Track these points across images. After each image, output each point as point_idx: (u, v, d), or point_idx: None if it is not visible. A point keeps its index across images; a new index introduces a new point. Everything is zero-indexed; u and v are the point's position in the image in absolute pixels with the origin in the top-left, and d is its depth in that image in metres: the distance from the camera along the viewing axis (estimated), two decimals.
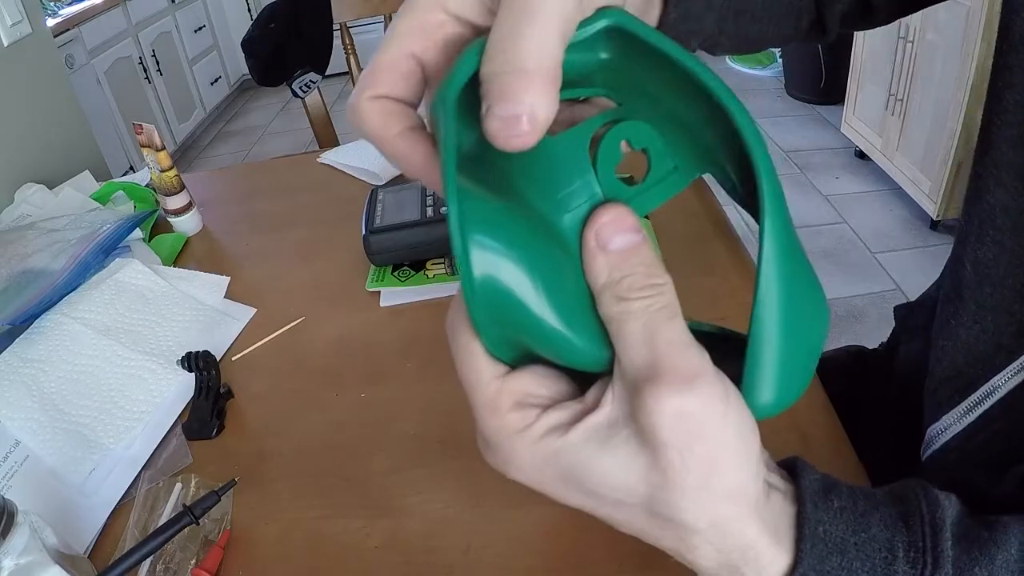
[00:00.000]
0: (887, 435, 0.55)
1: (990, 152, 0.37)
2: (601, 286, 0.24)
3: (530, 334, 0.24)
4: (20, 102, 1.16)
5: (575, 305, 0.24)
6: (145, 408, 0.61)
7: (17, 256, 0.77)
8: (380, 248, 0.73)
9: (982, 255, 0.38)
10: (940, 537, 0.27)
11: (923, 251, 2.10)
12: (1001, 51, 0.37)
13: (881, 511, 0.28)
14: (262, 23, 1.70)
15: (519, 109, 0.21)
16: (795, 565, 0.26)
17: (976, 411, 0.40)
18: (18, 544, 0.40)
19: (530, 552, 0.47)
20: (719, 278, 0.69)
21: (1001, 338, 0.38)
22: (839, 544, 0.27)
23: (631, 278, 0.23)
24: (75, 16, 2.56)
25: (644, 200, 0.25)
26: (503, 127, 0.21)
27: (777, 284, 0.23)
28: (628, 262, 0.24)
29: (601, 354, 0.24)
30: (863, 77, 2.42)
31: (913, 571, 0.26)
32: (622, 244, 0.24)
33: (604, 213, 0.24)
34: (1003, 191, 0.37)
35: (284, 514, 0.52)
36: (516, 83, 0.21)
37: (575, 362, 0.24)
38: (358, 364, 0.65)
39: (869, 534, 0.27)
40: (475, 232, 0.22)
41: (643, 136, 0.25)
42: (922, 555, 0.27)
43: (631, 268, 0.24)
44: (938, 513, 0.28)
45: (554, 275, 0.23)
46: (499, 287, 0.22)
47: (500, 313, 0.23)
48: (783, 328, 0.24)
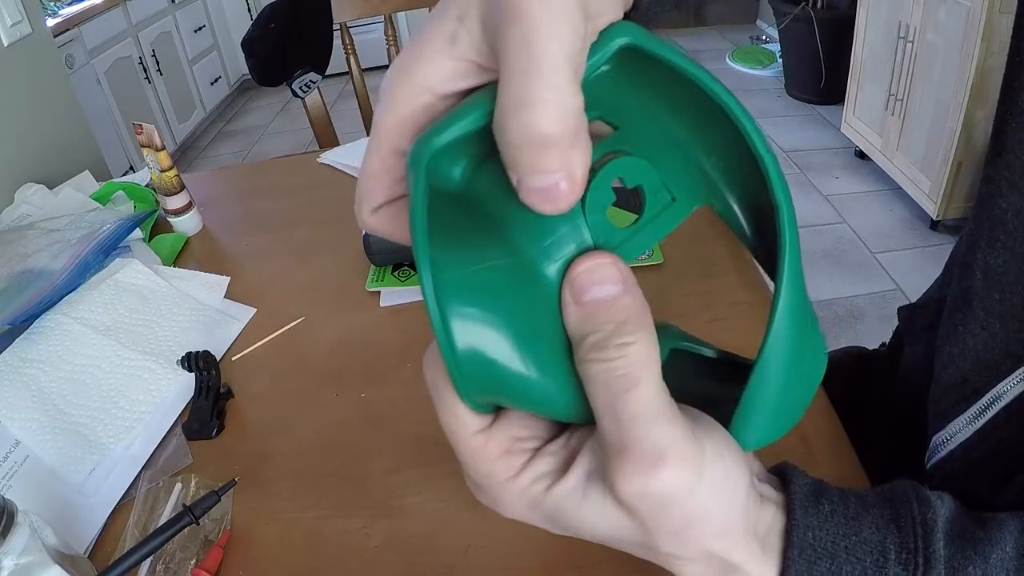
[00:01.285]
0: (889, 439, 0.55)
1: (1003, 155, 0.37)
2: (574, 342, 0.22)
3: (514, 396, 0.23)
4: (20, 102, 1.16)
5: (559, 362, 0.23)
6: (145, 408, 0.61)
7: (17, 256, 0.77)
8: (380, 248, 0.73)
9: (992, 261, 0.38)
10: (932, 538, 0.27)
11: (923, 251, 2.10)
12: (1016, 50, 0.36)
13: (872, 513, 0.28)
14: (262, 23, 1.69)
15: (553, 178, 0.19)
16: (782, 574, 0.26)
17: (982, 419, 0.39)
18: (18, 544, 0.40)
19: (530, 552, 0.47)
20: (719, 278, 0.69)
21: (1009, 345, 0.38)
22: (829, 549, 0.27)
23: (596, 336, 0.22)
24: (75, 16, 2.56)
25: (640, 239, 0.23)
26: (543, 198, 0.20)
27: (786, 338, 0.23)
28: (597, 317, 0.22)
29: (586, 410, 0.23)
30: (863, 77, 2.42)
31: (905, 572, 0.26)
32: (593, 296, 0.22)
33: (581, 263, 0.22)
34: (1016, 195, 0.36)
35: (284, 514, 0.52)
36: (543, 154, 0.19)
37: (559, 417, 0.24)
38: (358, 364, 0.65)
39: (860, 537, 0.27)
40: (454, 302, 0.21)
41: (637, 172, 0.23)
42: (914, 556, 0.27)
43: (599, 324, 0.22)
44: (929, 514, 0.28)
45: (538, 335, 0.22)
46: (482, 357, 0.22)
47: (483, 380, 0.22)
48: (784, 380, 0.23)
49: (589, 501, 0.24)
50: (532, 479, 0.24)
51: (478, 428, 0.24)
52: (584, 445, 0.24)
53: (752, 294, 0.66)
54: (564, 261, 0.22)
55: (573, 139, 0.19)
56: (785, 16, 2.89)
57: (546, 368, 0.22)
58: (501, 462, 0.24)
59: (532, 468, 0.24)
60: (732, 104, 0.22)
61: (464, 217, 0.23)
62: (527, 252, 0.22)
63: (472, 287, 0.21)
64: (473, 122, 0.21)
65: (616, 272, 0.22)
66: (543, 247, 0.22)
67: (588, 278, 0.22)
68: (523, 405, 0.23)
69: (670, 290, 0.68)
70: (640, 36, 0.21)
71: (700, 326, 0.62)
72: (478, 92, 0.21)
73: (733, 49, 3.77)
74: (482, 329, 0.21)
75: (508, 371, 0.22)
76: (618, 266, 0.22)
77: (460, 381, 0.22)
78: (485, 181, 0.23)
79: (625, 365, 0.21)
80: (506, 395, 0.23)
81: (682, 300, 0.66)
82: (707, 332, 0.67)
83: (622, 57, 0.22)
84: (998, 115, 0.37)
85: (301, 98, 1.62)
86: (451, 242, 0.22)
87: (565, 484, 0.24)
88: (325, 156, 1.04)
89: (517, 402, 0.23)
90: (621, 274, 0.22)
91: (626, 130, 0.23)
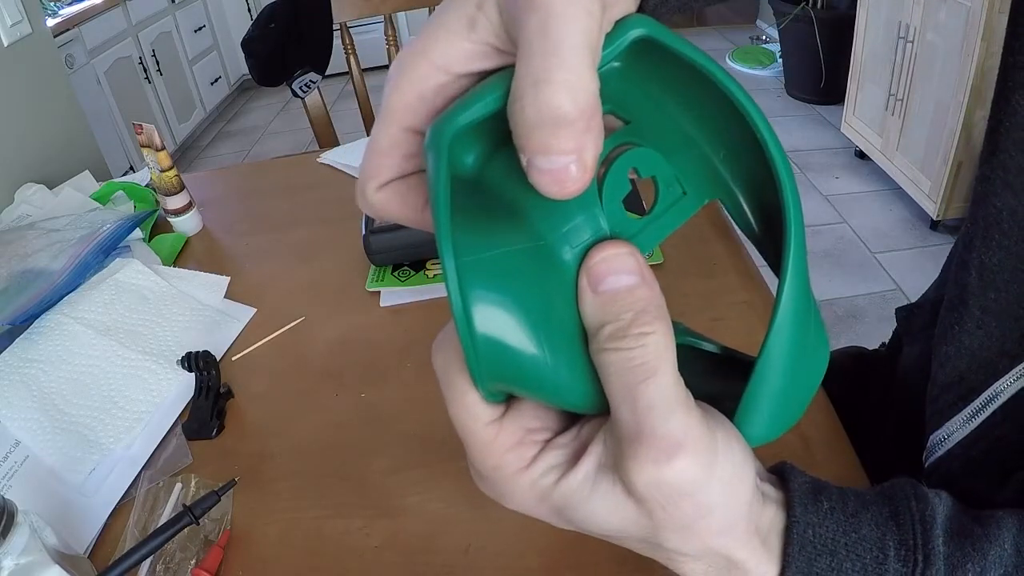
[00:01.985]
0: (888, 438, 0.55)
1: (997, 154, 0.37)
2: (590, 331, 0.22)
3: (528, 383, 0.23)
4: (20, 102, 1.16)
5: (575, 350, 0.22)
6: (145, 408, 0.61)
7: (17, 256, 0.77)
8: (380, 248, 0.73)
9: (987, 260, 0.38)
10: (931, 534, 0.27)
11: (923, 251, 2.10)
12: (1011, 50, 0.36)
13: (871, 510, 0.28)
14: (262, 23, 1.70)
15: (565, 160, 0.19)
16: (782, 572, 0.26)
17: (978, 417, 0.39)
18: (18, 544, 0.40)
19: (530, 552, 0.47)
20: (719, 278, 0.69)
21: (1005, 343, 0.38)
22: (829, 546, 0.27)
23: (613, 325, 0.22)
24: (75, 16, 2.56)
25: (653, 231, 0.24)
26: (552, 180, 0.20)
27: (789, 334, 0.23)
28: (614, 306, 0.22)
29: (598, 400, 0.23)
30: (863, 77, 2.42)
31: (904, 569, 0.26)
32: (611, 286, 0.22)
33: (598, 252, 0.22)
34: (1010, 194, 0.36)
35: (284, 514, 0.52)
36: (557, 133, 0.19)
37: (572, 407, 0.24)
38: (358, 364, 0.65)
39: (860, 534, 0.27)
40: (474, 286, 0.21)
41: (651, 163, 0.23)
42: (913, 553, 0.27)
43: (616, 313, 0.22)
44: (928, 511, 0.28)
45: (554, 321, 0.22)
46: (500, 343, 0.21)
47: (500, 366, 0.22)
48: (786, 376, 0.23)
49: (598, 493, 0.23)
50: (543, 471, 0.24)
51: (489, 419, 0.24)
52: (595, 437, 0.24)
53: (752, 294, 0.66)
54: (582, 248, 0.22)
55: (588, 122, 0.19)
56: (785, 16, 2.89)
57: (561, 355, 0.22)
58: (512, 454, 0.24)
59: (543, 460, 0.24)
60: (744, 100, 0.22)
61: (478, 204, 0.22)
62: (545, 238, 0.22)
63: (492, 271, 0.21)
64: (494, 102, 0.21)
65: (634, 262, 0.22)
66: (561, 234, 0.22)
67: (605, 267, 0.22)
68: (536, 393, 0.23)
69: (670, 290, 0.68)
70: (655, 28, 0.21)
71: (700, 326, 0.62)
72: (495, 75, 0.21)
73: (733, 49, 3.77)
74: (501, 314, 0.21)
75: (524, 357, 0.22)
76: (636, 256, 0.22)
77: (476, 367, 0.22)
78: (499, 168, 0.23)
79: (643, 355, 0.21)
80: (521, 383, 0.23)
81: (682, 300, 0.66)
82: (707, 332, 0.67)
83: (634, 51, 0.22)
84: (992, 115, 0.38)
85: (301, 98, 1.62)
86: (468, 226, 0.21)
87: (575, 475, 0.24)
88: (325, 156, 1.04)
89: (531, 390, 0.23)
90: (638, 264, 0.22)
91: (638, 123, 0.23)
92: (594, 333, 0.22)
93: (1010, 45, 0.36)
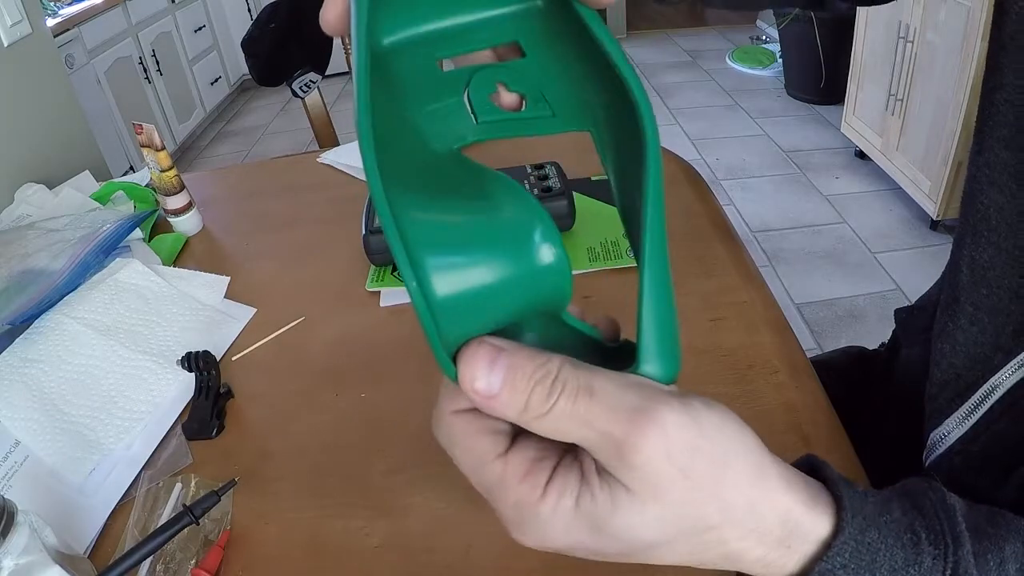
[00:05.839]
0: (888, 438, 0.55)
1: (983, 152, 0.37)
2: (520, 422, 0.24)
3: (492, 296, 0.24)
4: (20, 102, 1.16)
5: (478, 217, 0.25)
6: (145, 408, 0.61)
7: (17, 256, 0.77)
8: (380, 248, 0.73)
9: (978, 257, 0.38)
10: (955, 520, 0.27)
11: (923, 251, 2.10)
12: (992, 51, 0.37)
13: (896, 501, 0.28)
14: (262, 23, 1.69)
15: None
16: (836, 533, 0.26)
17: (977, 413, 0.40)
18: (18, 544, 0.40)
19: (530, 552, 0.47)
20: (719, 278, 0.69)
21: (999, 339, 0.38)
22: (874, 519, 0.27)
23: (533, 397, 0.23)
24: (75, 16, 2.56)
25: (512, 125, 0.27)
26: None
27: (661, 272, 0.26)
28: (516, 389, 0.24)
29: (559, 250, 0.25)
30: (863, 77, 2.42)
31: (936, 551, 0.27)
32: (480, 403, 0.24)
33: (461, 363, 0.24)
34: (997, 191, 0.37)
35: (284, 514, 0.52)
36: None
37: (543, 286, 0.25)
38: (358, 364, 0.65)
39: (893, 516, 0.27)
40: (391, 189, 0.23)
41: (518, 80, 0.27)
42: (942, 537, 0.27)
43: (524, 393, 0.24)
44: (948, 499, 0.28)
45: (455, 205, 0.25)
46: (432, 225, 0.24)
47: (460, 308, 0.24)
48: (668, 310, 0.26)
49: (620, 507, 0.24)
50: (559, 493, 0.25)
51: (496, 454, 0.25)
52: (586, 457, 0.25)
53: (752, 294, 0.66)
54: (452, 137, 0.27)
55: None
56: (785, 16, 2.89)
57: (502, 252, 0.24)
58: (525, 484, 0.25)
59: (556, 483, 0.25)
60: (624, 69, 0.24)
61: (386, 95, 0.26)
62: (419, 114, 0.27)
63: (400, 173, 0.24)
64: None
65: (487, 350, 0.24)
66: (428, 111, 0.27)
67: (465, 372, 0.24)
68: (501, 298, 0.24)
69: None
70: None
71: (700, 326, 0.62)
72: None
73: (733, 49, 3.77)
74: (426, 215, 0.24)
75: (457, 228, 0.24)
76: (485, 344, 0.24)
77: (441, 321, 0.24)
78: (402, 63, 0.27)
79: (572, 384, 0.23)
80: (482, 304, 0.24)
81: (682, 300, 0.66)
82: (707, 332, 0.67)
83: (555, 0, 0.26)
84: (978, 114, 0.38)
85: (301, 98, 1.62)
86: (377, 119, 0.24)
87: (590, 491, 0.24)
88: (325, 156, 1.04)
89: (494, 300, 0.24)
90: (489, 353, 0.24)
91: (532, 57, 0.28)
92: (521, 416, 0.24)
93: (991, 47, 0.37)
